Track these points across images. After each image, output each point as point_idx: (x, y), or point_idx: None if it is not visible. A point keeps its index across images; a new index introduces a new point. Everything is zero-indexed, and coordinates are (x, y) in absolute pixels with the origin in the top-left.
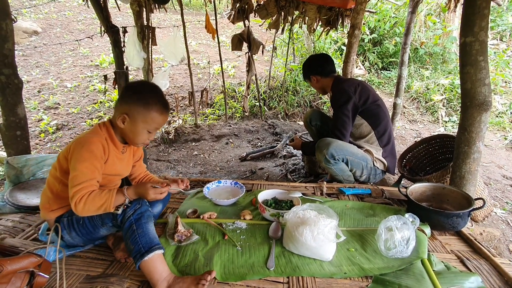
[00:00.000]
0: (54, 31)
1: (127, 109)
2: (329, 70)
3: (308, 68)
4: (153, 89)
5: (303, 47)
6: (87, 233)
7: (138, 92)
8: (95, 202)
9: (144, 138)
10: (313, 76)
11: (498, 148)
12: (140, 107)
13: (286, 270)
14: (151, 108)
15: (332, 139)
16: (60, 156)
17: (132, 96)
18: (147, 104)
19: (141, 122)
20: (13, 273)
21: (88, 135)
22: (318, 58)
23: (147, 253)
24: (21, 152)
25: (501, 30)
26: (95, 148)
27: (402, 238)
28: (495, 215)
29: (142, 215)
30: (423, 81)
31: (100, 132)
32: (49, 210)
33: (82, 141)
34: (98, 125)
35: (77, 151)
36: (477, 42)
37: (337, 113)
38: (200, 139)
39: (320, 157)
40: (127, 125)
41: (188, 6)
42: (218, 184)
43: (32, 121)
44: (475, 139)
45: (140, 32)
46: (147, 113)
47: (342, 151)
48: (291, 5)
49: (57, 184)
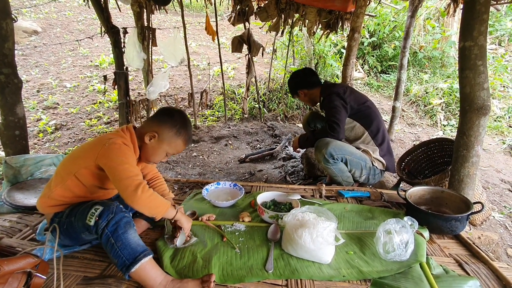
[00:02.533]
0: (54, 31)
1: (159, 128)
2: (314, 81)
3: (294, 85)
4: (186, 120)
5: (303, 50)
6: (73, 237)
7: (173, 118)
8: (157, 200)
9: (160, 158)
10: (300, 91)
11: (496, 152)
12: (172, 131)
13: (284, 272)
14: (180, 136)
15: (331, 139)
16: (74, 155)
17: (167, 120)
18: (178, 131)
19: (166, 144)
20: (10, 274)
21: (119, 139)
22: (302, 73)
23: (133, 265)
24: (19, 151)
25: (500, 35)
26: (127, 149)
27: (401, 242)
28: (493, 219)
29: (118, 225)
30: (422, 84)
31: (123, 135)
32: (47, 206)
33: (117, 144)
34: (122, 129)
35: (114, 153)
36: (476, 46)
37: (330, 105)
38: (199, 141)
39: (319, 157)
40: (153, 142)
41: (188, 7)
42: (217, 186)
43: (30, 121)
44: (473, 143)
45: (141, 33)
46: (175, 139)
47: (341, 151)
48: (291, 7)
49: (60, 181)
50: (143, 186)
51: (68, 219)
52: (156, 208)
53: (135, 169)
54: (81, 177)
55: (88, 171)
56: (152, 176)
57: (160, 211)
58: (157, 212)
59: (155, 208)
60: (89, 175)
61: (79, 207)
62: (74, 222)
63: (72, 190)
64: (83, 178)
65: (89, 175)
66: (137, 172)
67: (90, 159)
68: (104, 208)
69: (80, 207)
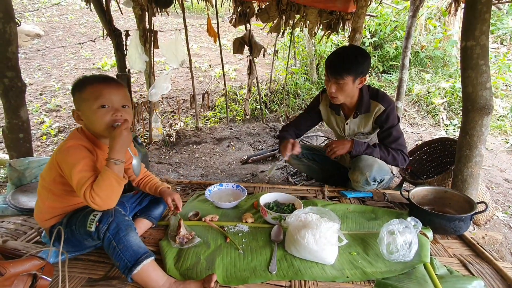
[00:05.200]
0: (57, 34)
1: (75, 105)
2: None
3: (363, 64)
4: (86, 76)
5: (304, 51)
6: (75, 245)
7: (73, 86)
8: (102, 186)
9: (104, 118)
10: (363, 77)
11: (499, 152)
12: (78, 93)
13: (288, 273)
14: (85, 86)
15: (375, 159)
16: (46, 167)
17: (72, 92)
18: (81, 86)
19: (85, 104)
20: (15, 276)
21: (67, 141)
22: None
23: (135, 267)
24: (23, 154)
25: (502, 33)
26: (79, 150)
27: (404, 242)
28: (497, 218)
29: (119, 228)
30: (424, 84)
31: (79, 135)
32: (42, 220)
33: (65, 148)
34: (76, 129)
35: (65, 160)
36: (478, 46)
37: (398, 128)
38: (202, 142)
39: (360, 178)
40: (83, 118)
41: (190, 9)
42: (220, 187)
43: (34, 124)
44: (476, 142)
45: (142, 36)
46: (84, 92)
47: (382, 172)
48: (292, 9)
49: (46, 193)
50: (89, 196)
51: (69, 228)
52: (110, 185)
53: (85, 170)
54: (56, 189)
55: (58, 182)
56: (142, 176)
57: (114, 180)
58: (118, 183)
59: (109, 186)
60: (60, 184)
61: (77, 215)
62: (76, 230)
63: (61, 200)
64: (58, 190)
65: (60, 184)
66: (88, 176)
67: (54, 170)
68: (103, 213)
69: (79, 215)
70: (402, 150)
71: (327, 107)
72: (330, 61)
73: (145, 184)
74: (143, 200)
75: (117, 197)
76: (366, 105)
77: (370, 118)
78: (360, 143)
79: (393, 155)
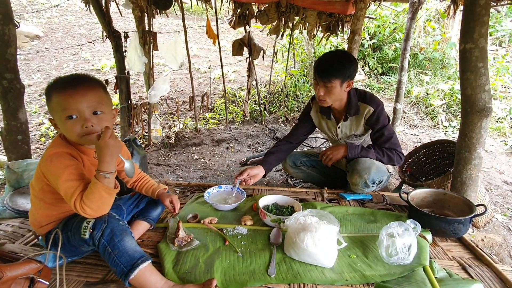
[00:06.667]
0: (56, 35)
1: (49, 113)
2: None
3: (349, 68)
4: (53, 81)
5: (303, 53)
6: (72, 251)
7: (45, 92)
8: (92, 199)
9: (73, 129)
10: (351, 81)
11: (498, 154)
12: (47, 101)
13: (287, 277)
14: (51, 94)
15: (373, 161)
16: (34, 176)
17: (46, 100)
18: (48, 94)
19: (54, 114)
20: (13, 280)
21: (49, 149)
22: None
23: (131, 272)
24: (21, 156)
25: (500, 35)
26: (62, 157)
27: (404, 245)
28: (496, 221)
29: (113, 234)
30: (422, 86)
31: (61, 141)
32: (38, 227)
33: (47, 157)
34: (59, 135)
35: (48, 169)
36: (477, 48)
37: (389, 128)
38: (201, 144)
39: (358, 181)
40: (59, 126)
41: (189, 11)
42: (219, 189)
43: (32, 125)
44: (475, 145)
45: (142, 37)
46: (51, 101)
47: (380, 173)
48: (292, 11)
49: (38, 202)
50: (79, 206)
51: (65, 234)
52: (102, 197)
53: (71, 179)
54: (46, 198)
55: (47, 191)
56: (137, 178)
57: (105, 192)
58: (109, 193)
59: (100, 198)
60: (50, 193)
61: (72, 221)
62: (71, 237)
63: (53, 208)
64: (48, 199)
65: (50, 193)
66: (76, 185)
67: (41, 179)
68: (97, 219)
69: (74, 221)
70: (396, 149)
71: (318, 112)
72: (318, 65)
73: (141, 187)
74: (141, 202)
75: (109, 206)
76: (355, 107)
77: (360, 120)
78: (354, 146)
79: (388, 154)
